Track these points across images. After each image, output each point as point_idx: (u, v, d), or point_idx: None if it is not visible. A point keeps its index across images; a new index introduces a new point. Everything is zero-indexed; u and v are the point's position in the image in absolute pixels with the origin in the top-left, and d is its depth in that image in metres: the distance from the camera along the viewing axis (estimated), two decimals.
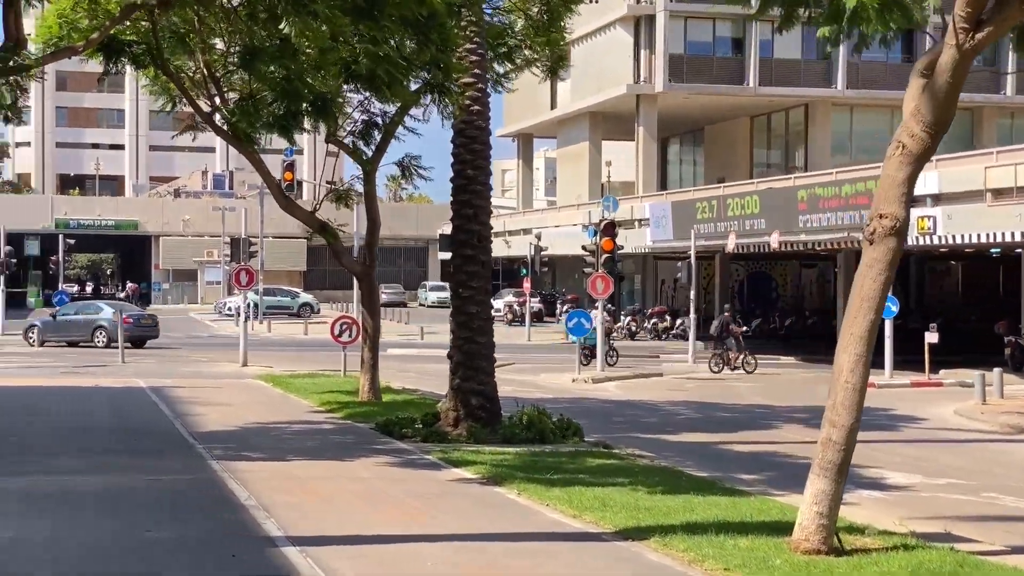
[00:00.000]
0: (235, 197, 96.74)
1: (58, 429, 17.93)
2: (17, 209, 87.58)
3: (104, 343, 42.50)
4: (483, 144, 18.14)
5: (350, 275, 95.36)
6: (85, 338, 42.48)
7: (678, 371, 38.04)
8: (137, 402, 22.74)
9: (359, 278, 23.31)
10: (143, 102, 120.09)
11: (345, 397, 23.70)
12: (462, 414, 17.76)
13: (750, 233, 43.17)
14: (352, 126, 22.26)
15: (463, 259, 18.09)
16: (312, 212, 22.99)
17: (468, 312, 18.01)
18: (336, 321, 30.21)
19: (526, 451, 16.24)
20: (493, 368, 18.27)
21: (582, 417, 19.74)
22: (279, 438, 17.44)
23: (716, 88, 60.55)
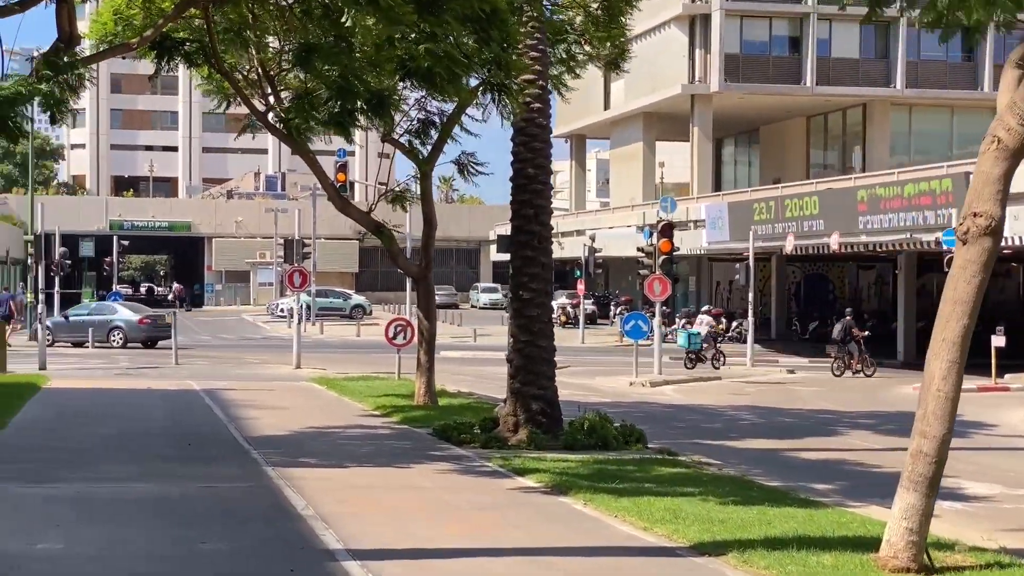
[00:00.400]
0: (287, 199, 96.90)
1: (112, 434, 17.63)
2: (72, 211, 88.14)
3: (120, 343, 42.71)
4: (543, 143, 17.67)
5: (402, 276, 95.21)
6: (100, 338, 42.40)
7: (737, 375, 37.39)
8: (191, 405, 22.46)
9: (415, 280, 22.90)
10: (196, 104, 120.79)
11: (401, 401, 23.31)
12: (522, 419, 17.29)
13: (808, 234, 42.45)
14: (408, 125, 21.85)
15: (523, 260, 17.62)
16: (367, 213, 22.60)
17: (528, 315, 17.54)
18: (390, 323, 29.86)
19: (589, 458, 15.74)
20: (554, 372, 17.79)
21: (642, 422, 19.23)
22: (335, 443, 17.05)
23: (772, 88, 59.79)
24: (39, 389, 24.97)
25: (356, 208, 22.50)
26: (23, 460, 14.67)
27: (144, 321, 43.09)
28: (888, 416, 24.83)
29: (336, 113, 17.42)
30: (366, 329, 59.31)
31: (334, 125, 17.54)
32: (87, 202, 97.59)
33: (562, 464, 15.02)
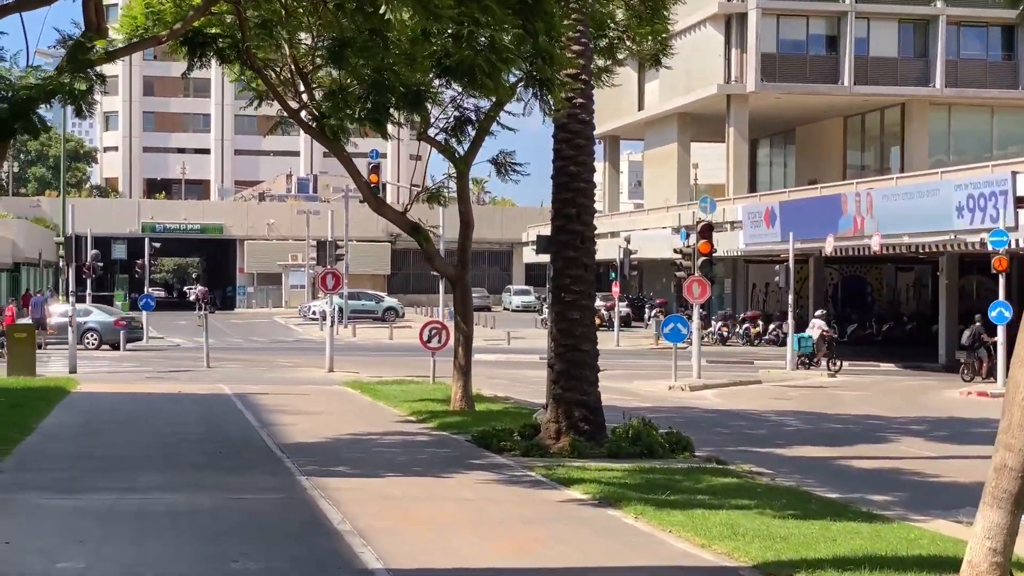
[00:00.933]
0: (319, 201, 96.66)
1: (142, 441, 17.10)
2: (105, 213, 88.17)
3: (95, 344, 42.65)
4: (586, 139, 17.04)
5: (435, 279, 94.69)
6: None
7: (777, 378, 36.69)
8: (223, 411, 21.94)
9: (452, 282, 22.32)
10: (229, 107, 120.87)
11: (436, 406, 22.74)
12: (564, 426, 16.67)
13: (848, 235, 41.66)
14: (444, 122, 21.28)
15: (565, 261, 17.00)
16: (403, 213, 22.04)
17: (570, 318, 16.91)
18: (425, 326, 29.30)
19: (635, 467, 15.10)
20: (597, 377, 17.16)
21: (685, 428, 18.58)
22: (371, 451, 16.47)
23: (809, 87, 58.89)
24: (68, 393, 24.53)
25: (391, 208, 21.94)
26: (50, 468, 14.17)
27: (119, 323, 43.74)
28: (938, 422, 24.07)
29: (371, 109, 16.88)
30: (399, 332, 58.82)
31: (369, 121, 17.02)
32: (119, 205, 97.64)
33: (608, 474, 14.38)
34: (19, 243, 69.71)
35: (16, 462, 14.59)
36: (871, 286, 59.91)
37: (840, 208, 42.96)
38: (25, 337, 29.11)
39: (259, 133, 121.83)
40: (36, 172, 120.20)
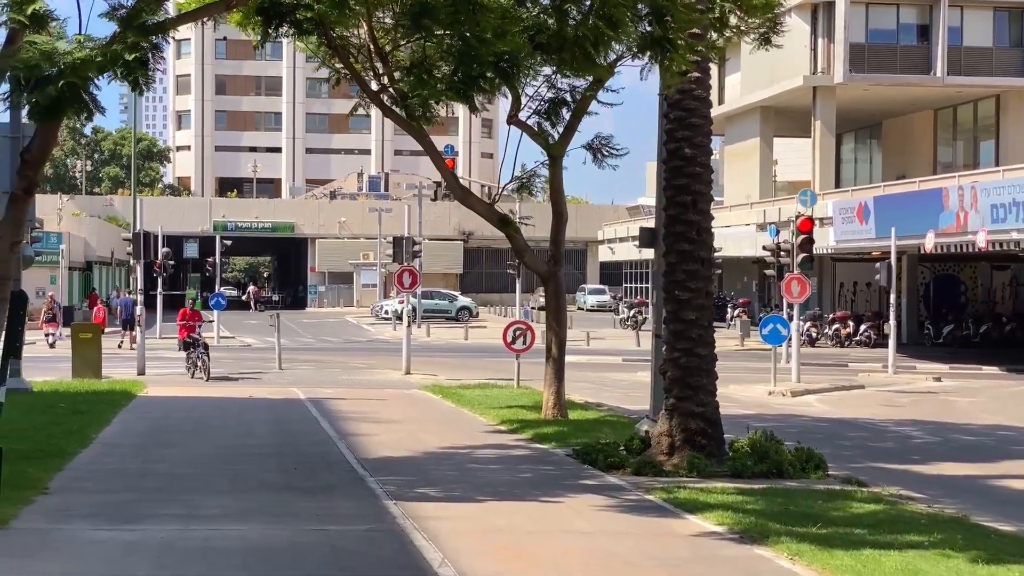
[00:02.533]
0: (390, 199, 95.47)
1: (209, 454, 15.42)
2: (177, 212, 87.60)
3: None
4: (703, 118, 15.15)
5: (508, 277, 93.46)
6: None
7: (879, 383, 34.51)
8: (296, 419, 20.28)
9: (544, 279, 20.52)
10: (300, 105, 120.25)
11: (527, 413, 20.97)
12: (678, 440, 14.79)
13: (950, 231, 39.34)
14: (537, 104, 19.51)
15: (679, 256, 15.11)
16: (491, 204, 20.27)
17: (685, 318, 15.01)
18: (509, 327, 27.65)
19: (765, 489, 13.20)
20: (715, 386, 15.25)
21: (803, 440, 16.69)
22: (464, 468, 14.67)
23: (900, 78, 56.40)
24: (133, 397, 23.05)
25: (478, 199, 20.20)
26: (105, 490, 12.47)
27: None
28: None
29: (458, 80, 15.10)
30: (474, 332, 57.19)
31: (455, 93, 15.23)
32: (191, 203, 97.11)
33: (737, 498, 12.50)
34: (91, 242, 69.12)
35: (68, 480, 12.92)
36: (965, 285, 57.40)
37: (941, 203, 40.60)
38: (91, 338, 27.71)
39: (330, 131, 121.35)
40: (110, 172, 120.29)
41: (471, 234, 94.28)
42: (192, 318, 30.63)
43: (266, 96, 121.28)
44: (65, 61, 11.49)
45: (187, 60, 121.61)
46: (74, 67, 11.52)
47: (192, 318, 30.63)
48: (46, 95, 11.35)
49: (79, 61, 11.49)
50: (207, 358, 29.54)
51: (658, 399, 18.29)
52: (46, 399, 21.23)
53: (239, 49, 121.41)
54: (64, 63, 11.48)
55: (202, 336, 30.54)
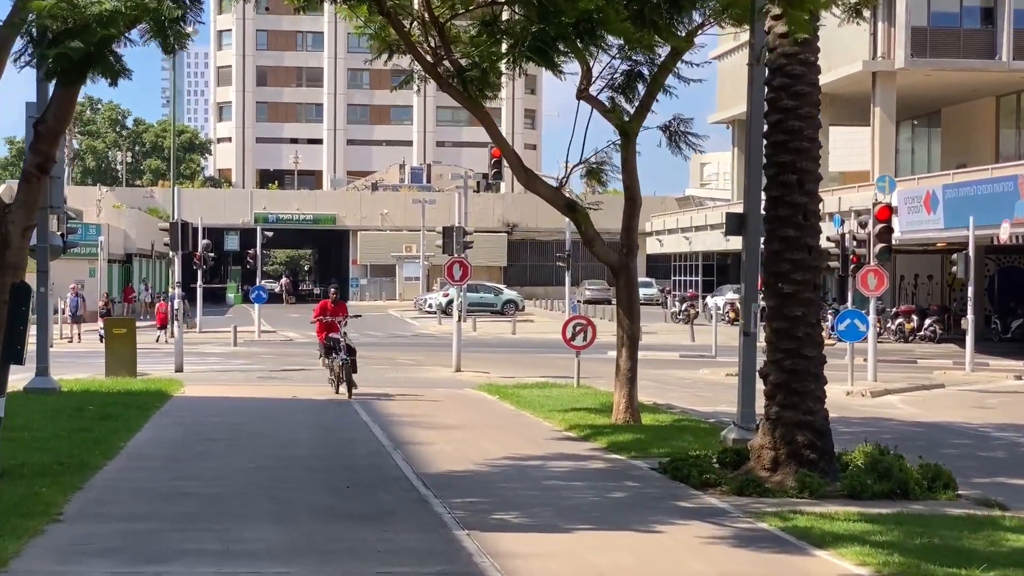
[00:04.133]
0: (433, 190, 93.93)
1: (249, 468, 13.64)
2: (217, 204, 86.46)
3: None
4: (811, 85, 13.25)
5: (553, 270, 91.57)
6: None
7: (957, 381, 32.44)
8: (345, 424, 18.50)
9: (615, 270, 18.67)
10: (341, 96, 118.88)
11: (595, 417, 19.15)
12: (783, 454, 12.92)
13: None
14: (610, 78, 17.67)
15: (783, 243, 13.22)
16: (558, 188, 18.43)
17: (791, 314, 13.12)
18: (569, 322, 25.83)
19: (896, 515, 11.31)
20: (824, 391, 13.36)
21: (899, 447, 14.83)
22: (540, 485, 12.82)
23: (963, 63, 54.12)
24: (168, 398, 21.37)
25: (543, 182, 18.38)
26: (128, 515, 10.66)
27: None
28: None
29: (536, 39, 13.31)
30: (521, 326, 55.42)
31: (534, 53, 13.43)
32: (232, 195, 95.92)
33: (865, 527, 10.62)
34: (131, 234, 67.91)
35: (86, 503, 11.13)
36: None
37: (1017, 190, 38.45)
38: (125, 333, 26.09)
39: (372, 123, 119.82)
40: (151, 164, 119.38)
41: (515, 226, 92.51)
42: (336, 312, 23.30)
43: (307, 87, 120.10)
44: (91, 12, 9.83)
45: (228, 51, 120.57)
46: (101, 20, 9.85)
47: (336, 312, 23.30)
48: (72, 51, 9.67)
49: (107, 13, 9.82)
50: (353, 368, 22.60)
51: (747, 405, 16.48)
52: (75, 400, 19.59)
53: (280, 40, 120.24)
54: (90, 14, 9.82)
55: (347, 336, 23.13)
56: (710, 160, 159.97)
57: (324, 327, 23.11)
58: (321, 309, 23.33)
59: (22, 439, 14.41)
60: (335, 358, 22.59)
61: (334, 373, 22.64)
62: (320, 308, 23.41)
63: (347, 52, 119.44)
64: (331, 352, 22.79)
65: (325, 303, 23.42)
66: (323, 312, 23.16)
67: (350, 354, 22.44)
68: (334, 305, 23.37)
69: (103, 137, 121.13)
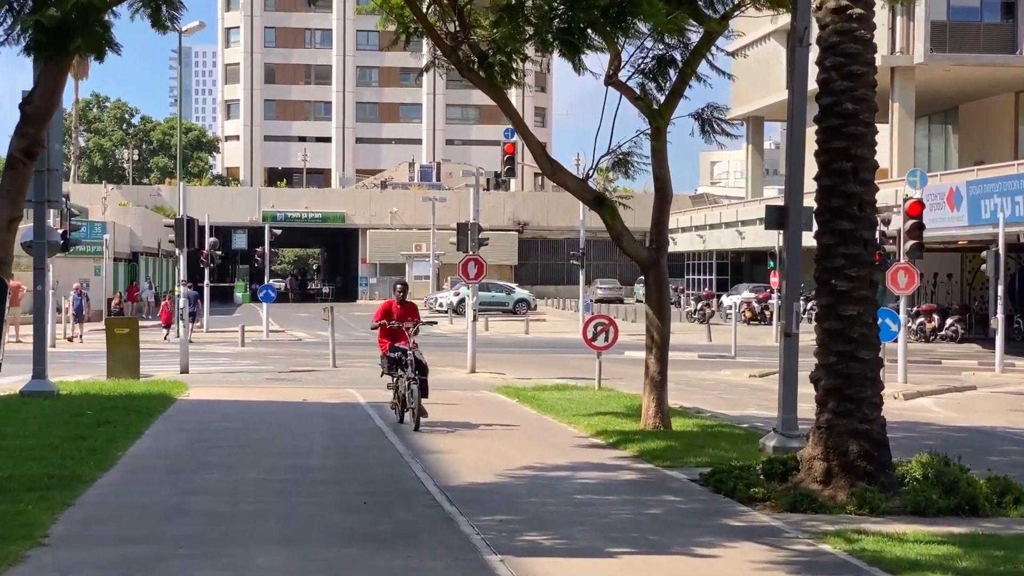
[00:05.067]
0: (443, 188, 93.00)
1: (256, 479, 12.58)
2: (225, 202, 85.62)
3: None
4: (866, 65, 12.21)
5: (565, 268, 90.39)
6: None
7: (988, 383, 31.35)
8: (358, 429, 17.46)
9: (644, 267, 17.63)
10: (350, 94, 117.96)
11: (622, 422, 18.11)
12: (836, 466, 11.86)
13: None
14: (641, 62, 16.63)
15: (837, 236, 12.17)
16: (584, 180, 17.39)
17: (844, 314, 12.07)
18: (590, 321, 24.83)
19: (970, 535, 10.25)
20: (881, 397, 12.30)
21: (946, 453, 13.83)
22: (571, 500, 11.75)
23: (983, 58, 53.08)
24: (172, 402, 20.34)
25: (569, 173, 17.31)
26: (123, 538, 9.56)
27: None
28: None
29: (564, 29, 12.28)
30: (534, 326, 54.40)
31: (561, 44, 12.43)
32: (240, 193, 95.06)
33: (940, 549, 9.57)
34: (137, 232, 67.04)
35: (76, 523, 10.04)
36: None
37: None
38: (127, 333, 25.08)
39: (380, 120, 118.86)
40: (159, 162, 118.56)
41: (526, 224, 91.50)
42: (404, 315, 18.33)
43: (316, 85, 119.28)
44: None
45: (236, 48, 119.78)
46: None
47: (404, 315, 18.33)
48: (48, 18, 8.66)
49: None
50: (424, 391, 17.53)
51: (788, 411, 15.41)
52: (73, 404, 18.55)
53: (288, 37, 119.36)
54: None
55: (417, 347, 17.89)
56: (720, 159, 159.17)
57: (388, 335, 18.33)
58: (384, 312, 18.46)
59: (11, 448, 13.39)
60: (400, 376, 17.72)
61: (398, 395, 17.85)
62: (383, 310, 18.54)
63: (356, 49, 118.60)
64: (396, 368, 17.91)
65: (389, 304, 18.59)
66: (386, 315, 18.32)
67: (421, 372, 17.48)
68: (401, 307, 18.45)
69: (110, 135, 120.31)
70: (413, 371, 17.38)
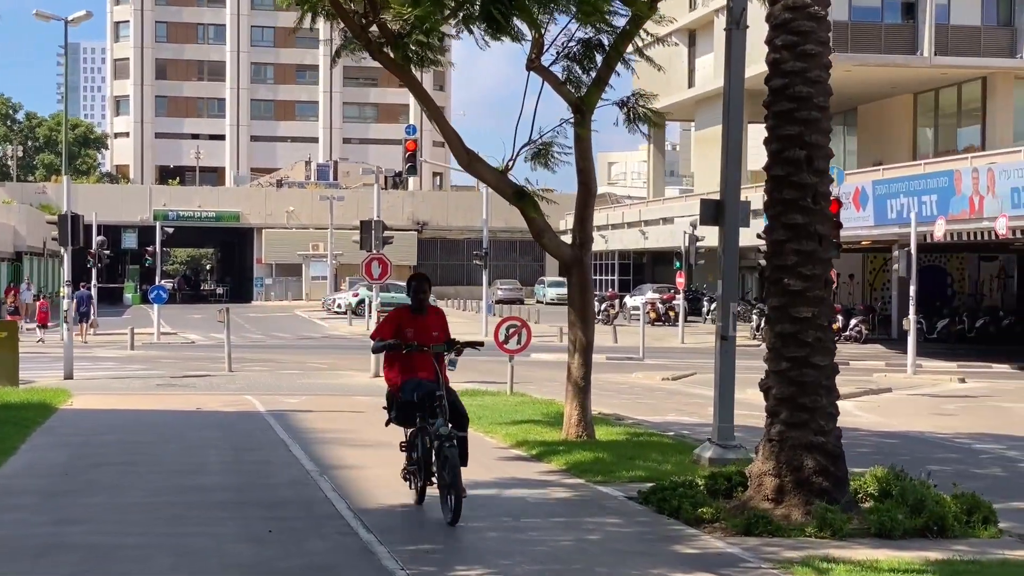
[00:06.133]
0: (340, 187, 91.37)
1: (144, 504, 11.15)
2: (114, 200, 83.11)
3: None
4: (821, 44, 11.20)
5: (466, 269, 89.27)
6: None
7: (902, 385, 30.91)
8: (259, 442, 16.05)
9: (567, 265, 16.49)
10: (244, 91, 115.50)
11: (543, 431, 16.99)
12: (789, 482, 10.84)
13: (962, 217, 36.03)
14: (565, 46, 15.52)
15: (789, 231, 11.15)
16: (503, 172, 16.21)
17: (798, 316, 11.05)
18: (501, 323, 23.71)
19: (947, 562, 9.27)
20: (837, 407, 11.30)
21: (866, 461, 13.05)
22: (501, 524, 10.49)
23: (885, 58, 53.15)
24: (54, 412, 18.73)
25: (487, 165, 16.12)
26: None
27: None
28: None
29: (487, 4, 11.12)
30: None
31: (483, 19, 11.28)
32: (130, 191, 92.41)
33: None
34: (21, 231, 64.47)
35: None
36: (951, 277, 54.50)
37: (952, 187, 37.21)
38: (5, 337, 23.31)
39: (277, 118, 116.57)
40: (44, 159, 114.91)
41: (425, 224, 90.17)
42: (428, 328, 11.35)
43: (209, 81, 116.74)
44: None
45: (125, 43, 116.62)
46: None
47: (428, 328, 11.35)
48: None
49: None
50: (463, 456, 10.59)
51: (725, 420, 14.48)
52: None
53: (180, 32, 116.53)
54: None
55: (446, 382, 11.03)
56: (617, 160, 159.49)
57: (399, 363, 11.26)
58: (393, 323, 11.36)
59: None
60: (423, 430, 10.90)
61: (417, 460, 11.06)
62: (391, 321, 11.44)
63: (250, 46, 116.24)
64: (412, 415, 11.03)
65: (399, 313, 11.50)
66: (397, 330, 11.26)
67: (459, 425, 10.82)
68: (420, 317, 11.38)
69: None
70: (446, 424, 10.52)
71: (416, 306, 11.41)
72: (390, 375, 11.35)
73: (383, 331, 11.35)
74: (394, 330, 11.22)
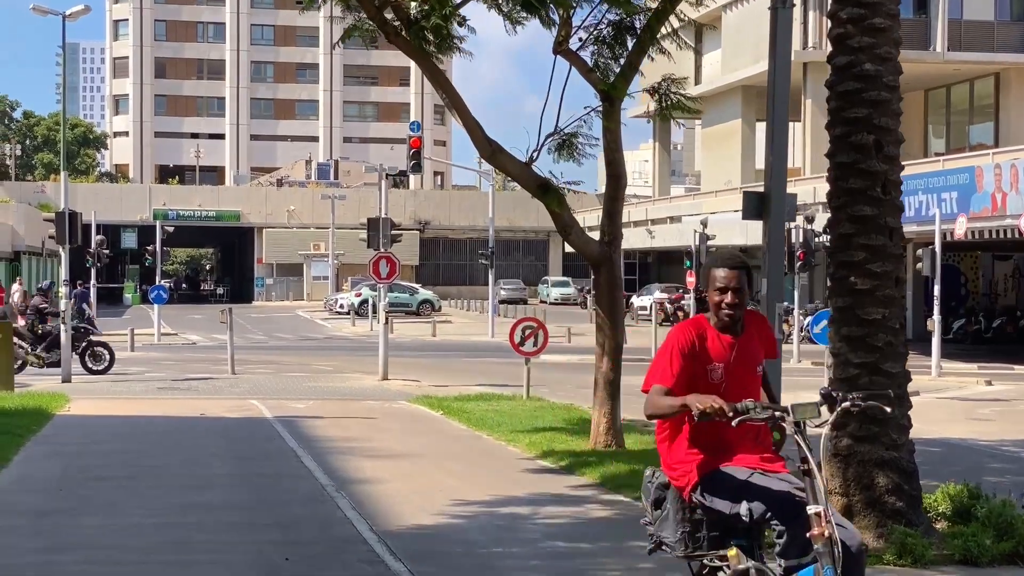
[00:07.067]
0: (341, 186, 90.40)
1: (146, 529, 10.03)
2: (114, 200, 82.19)
3: None
4: (890, 18, 10.16)
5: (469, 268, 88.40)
6: None
7: (929, 388, 29.75)
8: (268, 451, 14.98)
9: (595, 264, 15.43)
10: (244, 90, 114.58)
11: (567, 439, 15.97)
12: (858, 502, 9.80)
13: (984, 215, 35.06)
14: (594, 28, 14.49)
15: (856, 224, 10.09)
16: (527, 164, 15.16)
17: (867, 318, 10.01)
18: (517, 324, 22.79)
19: None
20: (910, 419, 10.27)
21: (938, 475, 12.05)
22: (541, 551, 9.40)
23: None
24: (50, 418, 17.68)
25: (511, 156, 15.07)
26: None
27: None
28: None
29: None
30: (441, 328, 52.09)
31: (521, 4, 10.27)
32: (129, 191, 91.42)
33: None
34: (19, 230, 63.43)
35: None
36: (965, 276, 53.40)
37: (973, 183, 36.21)
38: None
39: (276, 117, 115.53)
40: (43, 158, 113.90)
41: (428, 223, 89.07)
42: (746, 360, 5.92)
43: (208, 80, 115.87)
44: None
45: (125, 42, 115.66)
46: None
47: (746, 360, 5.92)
48: None
49: None
50: None
51: None
52: None
53: (180, 31, 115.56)
54: None
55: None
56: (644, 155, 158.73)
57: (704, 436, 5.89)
58: (681, 357, 5.81)
59: None
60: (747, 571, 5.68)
61: None
62: (675, 350, 5.83)
63: (250, 44, 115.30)
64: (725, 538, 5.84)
65: (691, 334, 5.88)
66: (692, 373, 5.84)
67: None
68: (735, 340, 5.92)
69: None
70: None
71: (725, 322, 5.87)
72: (670, 455, 6.11)
73: (667, 373, 5.81)
74: (684, 374, 5.81)
